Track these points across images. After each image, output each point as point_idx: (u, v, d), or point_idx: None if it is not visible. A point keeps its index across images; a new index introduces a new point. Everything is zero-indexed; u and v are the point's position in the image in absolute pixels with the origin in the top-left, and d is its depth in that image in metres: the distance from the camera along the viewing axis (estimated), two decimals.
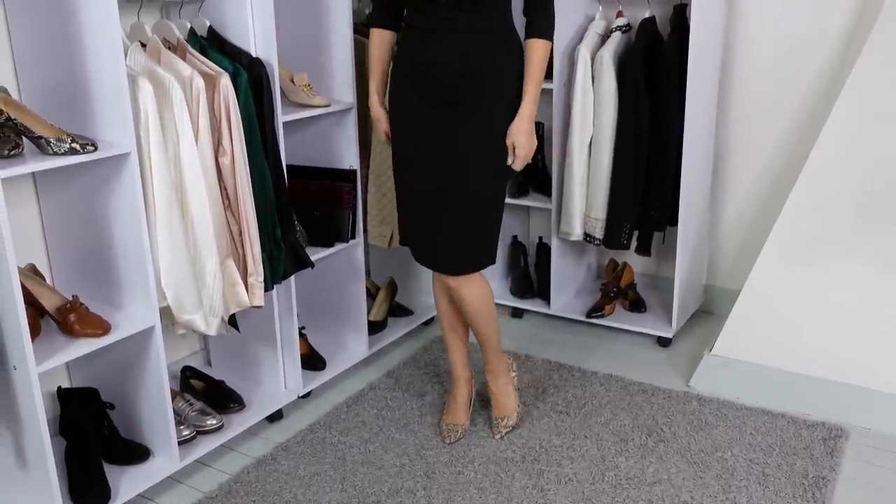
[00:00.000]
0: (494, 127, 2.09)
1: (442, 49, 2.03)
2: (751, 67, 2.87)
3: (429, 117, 2.09)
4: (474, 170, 2.09)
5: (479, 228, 2.15)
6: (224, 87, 2.05)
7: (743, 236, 3.05)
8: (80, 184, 2.00)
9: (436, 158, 2.11)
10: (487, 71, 2.05)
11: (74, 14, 1.86)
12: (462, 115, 2.07)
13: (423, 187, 2.15)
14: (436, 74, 2.05)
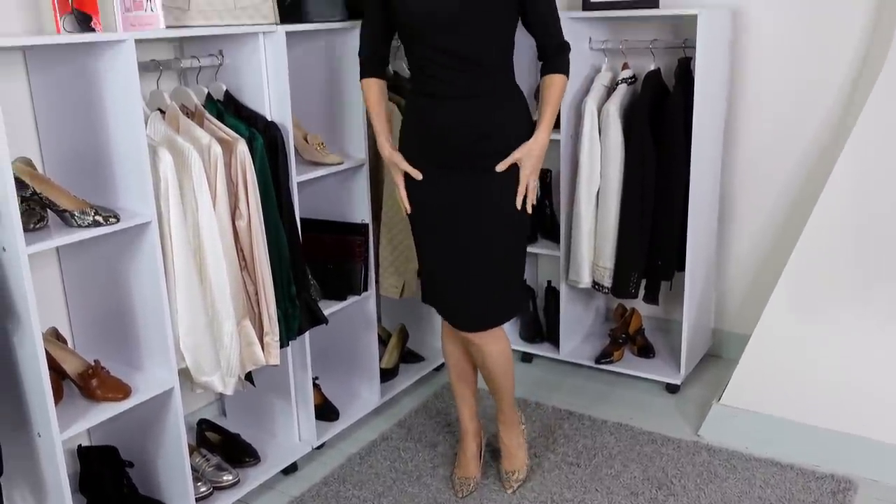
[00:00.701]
0: (509, 186, 2.12)
1: (451, 114, 2.07)
2: (755, 117, 2.91)
3: (443, 181, 2.13)
4: (494, 229, 2.14)
5: (502, 285, 2.20)
6: (241, 153, 2.11)
7: (750, 280, 3.08)
8: (102, 250, 2.05)
9: (454, 221, 2.14)
10: (497, 133, 2.09)
11: (97, 85, 1.92)
12: (477, 176, 2.10)
13: (443, 249, 2.19)
14: (447, 140, 2.09)
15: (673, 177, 2.73)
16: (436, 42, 2.02)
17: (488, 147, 2.09)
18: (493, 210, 2.13)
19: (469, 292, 2.17)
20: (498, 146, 2.10)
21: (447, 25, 2.00)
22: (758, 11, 2.81)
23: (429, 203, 2.17)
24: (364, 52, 2.20)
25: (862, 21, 2.66)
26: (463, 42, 2.02)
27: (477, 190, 2.11)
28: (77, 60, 1.92)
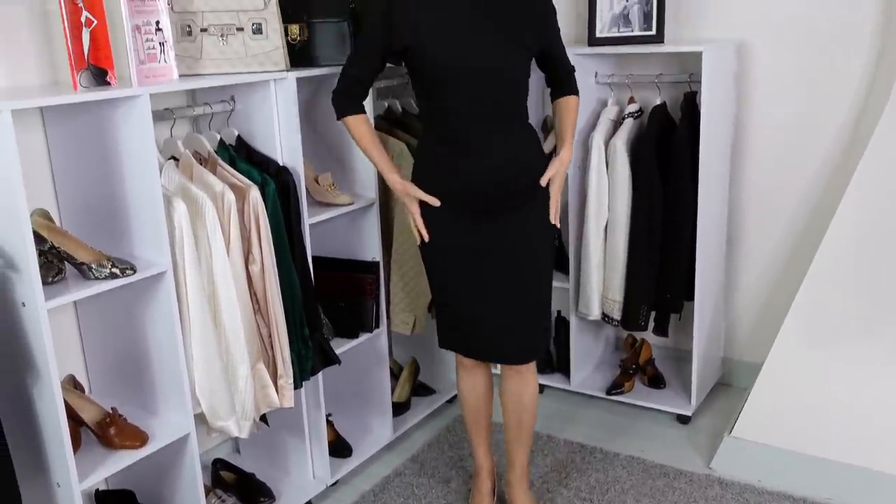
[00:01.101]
0: (541, 216, 2.18)
1: (481, 163, 2.06)
2: (761, 149, 2.93)
3: (474, 225, 2.12)
4: (532, 261, 2.18)
5: (543, 312, 2.26)
6: (253, 200, 2.14)
7: (759, 309, 3.09)
8: (118, 298, 2.08)
9: (489, 261, 2.14)
10: (524, 175, 2.13)
11: (112, 137, 1.95)
12: (509, 216, 2.12)
13: (479, 290, 2.17)
14: (478, 187, 2.08)
15: (680, 210, 2.75)
16: (469, 93, 2.02)
17: (519, 187, 2.12)
18: (530, 243, 2.16)
19: (515, 326, 2.20)
20: (532, 180, 2.14)
21: (486, 79, 2.01)
22: (762, 45, 2.83)
23: (460, 248, 2.15)
24: (350, 91, 2.14)
25: (866, 55, 2.68)
26: (496, 92, 2.04)
27: (512, 228, 2.13)
28: (93, 114, 1.95)
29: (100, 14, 1.90)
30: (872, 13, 2.65)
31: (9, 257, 1.73)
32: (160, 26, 2.03)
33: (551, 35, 2.16)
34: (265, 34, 2.21)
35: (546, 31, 2.13)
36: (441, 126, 2.10)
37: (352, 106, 2.14)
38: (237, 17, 2.19)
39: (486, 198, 2.09)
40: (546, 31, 2.13)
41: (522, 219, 2.14)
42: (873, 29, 2.66)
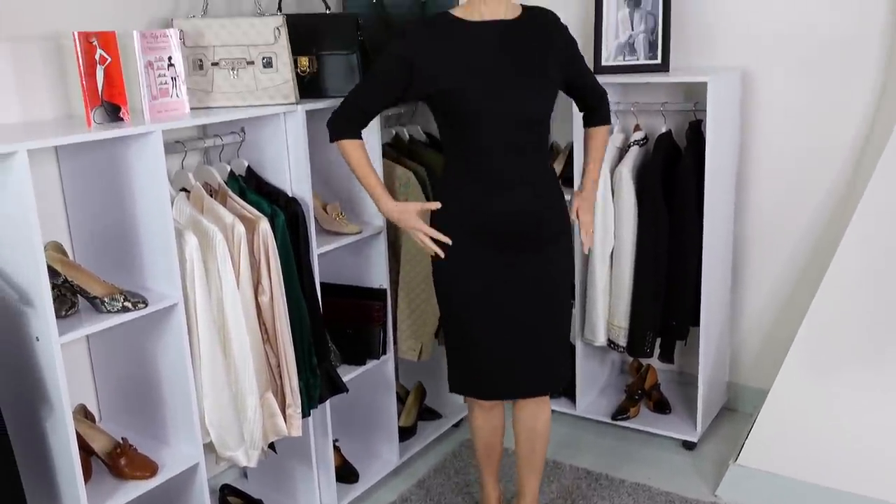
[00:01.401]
0: (566, 251, 2.24)
1: (511, 201, 2.07)
2: (766, 176, 2.95)
3: (501, 262, 2.11)
4: (557, 294, 2.22)
5: (566, 342, 2.30)
6: (263, 231, 2.17)
7: (764, 334, 3.10)
8: (129, 329, 2.10)
9: (518, 296, 2.13)
10: (553, 206, 2.17)
11: (125, 172, 1.98)
12: (540, 250, 2.14)
13: (506, 326, 2.15)
14: (508, 225, 2.08)
15: (686, 237, 2.76)
16: (498, 133, 2.03)
17: (544, 224, 2.14)
18: (555, 278, 2.20)
19: (542, 359, 2.22)
20: (557, 218, 2.17)
21: (515, 120, 2.03)
22: (767, 73, 2.86)
23: (486, 286, 2.13)
24: (351, 118, 2.12)
25: (871, 84, 2.71)
26: (524, 132, 2.06)
27: (538, 264, 2.14)
28: (106, 149, 1.98)
29: (114, 52, 1.93)
30: (877, 43, 2.67)
31: (23, 292, 1.75)
32: (172, 62, 2.07)
33: (576, 66, 2.18)
34: (275, 67, 2.24)
35: (570, 64, 2.15)
36: (468, 163, 2.09)
37: (349, 131, 2.13)
38: (248, 52, 2.22)
39: (515, 234, 2.10)
40: (570, 63, 2.15)
41: (548, 255, 2.16)
42: (878, 57, 2.68)
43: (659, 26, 2.82)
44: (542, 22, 2.10)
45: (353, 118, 2.13)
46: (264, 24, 2.20)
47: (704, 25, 2.91)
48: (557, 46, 2.11)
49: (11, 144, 1.62)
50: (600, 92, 2.28)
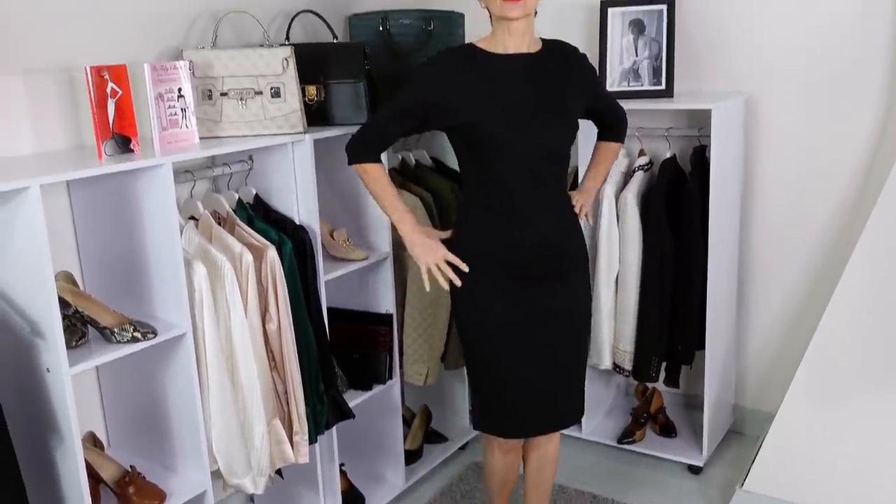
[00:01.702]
0: (587, 279, 2.27)
1: (536, 230, 2.07)
2: (771, 199, 2.96)
3: (529, 294, 2.10)
4: (581, 324, 2.25)
5: (584, 373, 2.31)
6: (271, 260, 2.19)
7: (770, 357, 3.11)
8: (138, 357, 2.11)
9: (544, 329, 2.12)
10: (573, 236, 2.19)
11: (135, 203, 2.01)
12: (563, 280, 2.15)
13: (534, 360, 2.14)
14: (534, 254, 2.08)
15: (691, 263, 2.78)
16: (522, 166, 2.03)
17: (568, 253, 2.16)
18: (578, 309, 2.21)
19: (566, 392, 2.23)
20: (574, 252, 2.19)
21: (540, 154, 2.04)
22: (770, 97, 2.87)
23: (514, 320, 2.11)
24: (370, 144, 2.11)
25: (874, 108, 2.72)
26: (548, 164, 2.08)
27: (562, 295, 2.15)
28: (116, 180, 2.01)
29: (125, 85, 1.96)
30: (880, 67, 2.69)
31: (35, 324, 1.77)
32: (182, 93, 2.10)
33: (596, 93, 2.21)
34: (283, 97, 2.27)
35: (591, 92, 2.18)
36: (489, 195, 2.07)
37: (368, 155, 2.12)
38: (256, 82, 2.25)
39: (539, 266, 2.09)
40: (591, 91, 2.18)
41: (570, 284, 2.17)
42: (881, 80, 2.70)
43: (663, 52, 2.85)
44: (563, 55, 2.13)
45: (373, 143, 2.12)
46: (273, 55, 2.23)
47: (707, 51, 2.93)
48: (578, 78, 2.13)
49: (24, 180, 1.65)
50: (619, 112, 2.32)
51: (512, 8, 1.94)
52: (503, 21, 1.99)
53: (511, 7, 1.94)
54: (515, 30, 2.01)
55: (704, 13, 2.91)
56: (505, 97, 2.01)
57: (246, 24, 2.39)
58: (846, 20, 2.71)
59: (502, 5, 1.95)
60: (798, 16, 2.78)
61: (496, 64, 2.03)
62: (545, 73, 2.06)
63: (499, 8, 1.96)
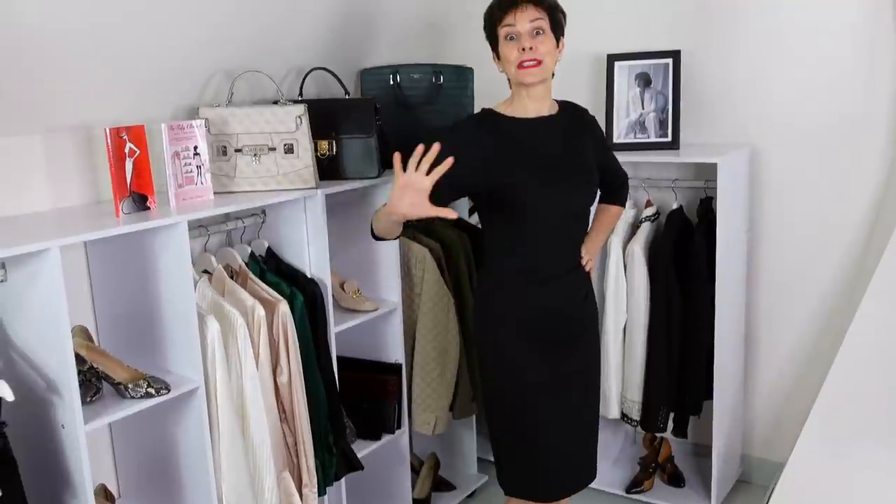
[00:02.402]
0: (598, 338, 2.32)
1: (561, 290, 2.11)
2: (778, 250, 2.99)
3: (557, 353, 2.12)
4: (596, 378, 2.29)
5: None
6: (282, 314, 2.22)
7: (779, 406, 3.11)
8: (150, 410, 2.14)
9: (571, 387, 2.15)
10: (592, 294, 2.24)
11: (151, 259, 2.04)
12: (583, 338, 2.19)
13: (564, 419, 2.15)
14: (561, 314, 2.12)
15: (698, 313, 2.79)
16: (550, 228, 2.07)
17: (589, 310, 2.22)
18: (596, 367, 2.28)
19: (588, 446, 2.26)
20: (592, 306, 2.24)
21: (568, 216, 2.09)
22: (775, 150, 2.91)
23: (545, 380, 2.11)
24: None
25: (878, 158, 2.76)
26: (574, 225, 2.14)
27: (583, 353, 2.19)
28: (132, 236, 2.04)
29: (142, 145, 2.01)
30: (885, 119, 2.73)
31: (51, 381, 1.80)
32: (198, 151, 2.15)
33: (604, 154, 2.25)
34: (296, 153, 2.31)
35: (599, 152, 2.21)
36: (518, 256, 2.09)
37: None
38: (270, 138, 2.30)
39: (565, 326, 2.13)
40: (599, 152, 2.21)
41: (589, 341, 2.22)
42: (885, 133, 2.73)
43: (669, 105, 2.89)
44: (577, 115, 2.17)
45: None
46: (287, 112, 2.28)
47: (713, 103, 2.98)
48: (591, 138, 2.18)
49: (45, 242, 1.69)
50: (622, 176, 2.36)
51: (527, 74, 1.98)
52: (522, 86, 2.03)
53: (527, 74, 1.98)
54: (534, 94, 2.04)
55: (709, 66, 2.96)
56: (533, 160, 2.03)
57: (261, 80, 2.45)
58: (851, 75, 2.76)
59: (518, 72, 1.98)
60: (803, 70, 2.83)
61: (520, 127, 2.05)
62: (568, 135, 2.10)
63: (515, 74, 2.00)
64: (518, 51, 1.97)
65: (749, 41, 2.90)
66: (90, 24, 1.90)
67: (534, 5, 1.98)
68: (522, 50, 1.96)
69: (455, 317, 2.75)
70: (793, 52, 2.84)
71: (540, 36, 1.97)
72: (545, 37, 1.98)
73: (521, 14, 1.96)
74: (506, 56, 2.00)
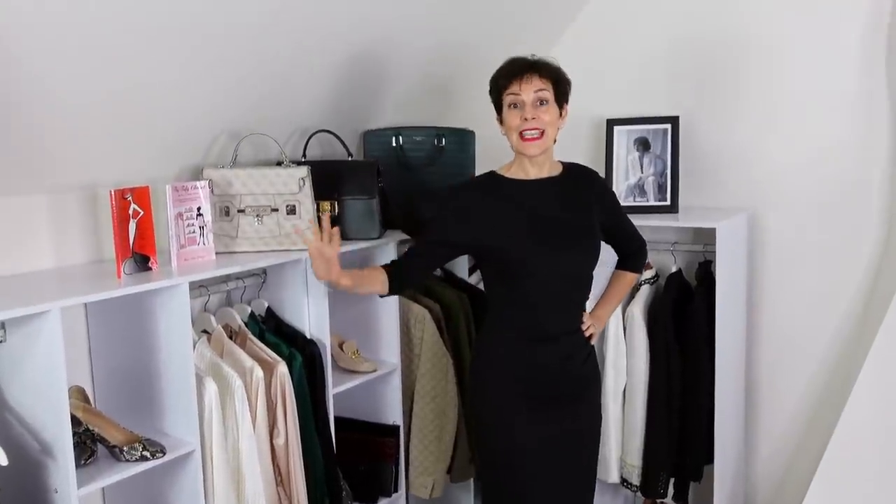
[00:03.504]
0: (598, 400, 2.32)
1: (559, 351, 2.13)
2: (777, 313, 2.99)
3: (550, 416, 2.12)
4: (594, 442, 2.28)
5: None
6: (281, 375, 2.21)
7: (780, 473, 3.07)
8: (145, 472, 2.12)
9: (564, 449, 2.15)
10: (593, 357, 2.25)
11: (150, 319, 2.04)
12: (580, 400, 2.20)
13: (557, 481, 2.15)
14: (558, 376, 2.13)
15: (698, 376, 2.78)
16: (549, 288, 2.09)
17: (587, 371, 2.22)
18: (593, 429, 2.27)
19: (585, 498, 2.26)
20: (592, 367, 2.25)
21: (566, 277, 2.11)
22: (774, 213, 2.93)
23: (536, 440, 2.11)
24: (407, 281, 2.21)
25: (877, 227, 2.78)
26: (573, 285, 2.15)
27: (580, 415, 2.20)
28: (133, 297, 2.04)
29: (146, 205, 2.03)
30: (883, 183, 2.76)
31: (45, 444, 1.79)
32: (201, 212, 2.17)
33: (615, 216, 2.26)
34: (298, 214, 2.33)
35: (610, 215, 2.23)
36: (517, 317, 2.12)
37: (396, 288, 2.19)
38: (273, 200, 2.31)
39: (563, 387, 2.14)
40: (610, 214, 2.23)
41: (587, 402, 2.22)
42: (884, 197, 2.77)
43: (668, 169, 2.92)
44: (584, 177, 2.20)
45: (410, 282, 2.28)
46: (290, 175, 2.30)
47: (712, 168, 3.01)
48: (599, 200, 2.20)
49: (46, 304, 1.69)
50: (639, 241, 2.34)
51: (529, 147, 2.04)
52: (521, 156, 2.09)
53: (528, 146, 2.04)
54: (535, 161, 2.11)
55: (708, 131, 3.00)
56: (532, 221, 2.08)
57: (265, 141, 2.48)
58: (848, 142, 2.80)
59: (520, 143, 2.04)
60: (801, 136, 2.86)
61: (521, 189, 2.10)
62: (568, 198, 2.13)
63: (518, 143, 2.05)
64: (521, 119, 2.02)
65: (747, 107, 2.94)
66: (98, 84, 1.93)
67: (539, 76, 2.04)
68: (525, 119, 2.01)
69: (454, 378, 2.74)
70: (791, 119, 2.88)
71: (543, 106, 2.03)
72: (548, 107, 2.04)
73: (526, 84, 2.02)
74: (509, 123, 2.05)
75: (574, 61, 2.27)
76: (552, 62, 2.10)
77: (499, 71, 2.11)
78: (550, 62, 2.09)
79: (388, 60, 2.67)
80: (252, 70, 2.27)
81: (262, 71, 2.30)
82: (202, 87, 2.19)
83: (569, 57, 2.25)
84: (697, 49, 3.00)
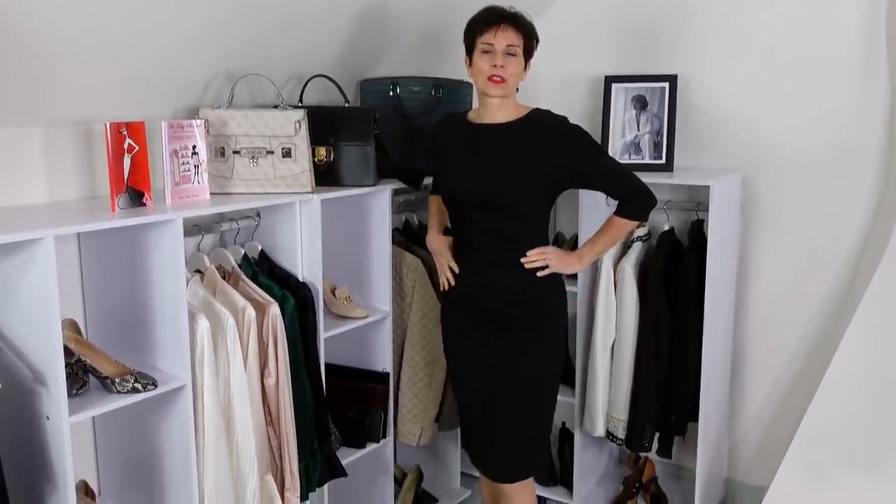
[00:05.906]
0: (536, 351, 2.30)
1: (485, 279, 2.30)
2: (766, 275, 3.01)
3: (475, 337, 2.33)
4: (519, 391, 2.30)
5: (527, 442, 2.36)
6: (273, 316, 2.22)
7: (763, 431, 3.12)
8: (135, 407, 2.13)
9: (485, 374, 2.32)
10: (523, 299, 2.29)
11: (144, 254, 2.05)
12: (505, 338, 2.29)
13: (475, 400, 2.38)
14: (480, 302, 2.32)
15: (686, 334, 2.81)
16: (474, 219, 2.26)
17: (516, 311, 2.28)
18: (520, 371, 2.29)
19: (497, 445, 2.33)
20: (524, 311, 2.29)
21: (485, 207, 2.22)
22: (767, 175, 2.94)
23: (462, 353, 2.39)
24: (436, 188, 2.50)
25: (869, 185, 2.79)
26: (498, 221, 2.23)
27: (504, 351, 2.28)
28: (126, 232, 2.05)
29: (141, 141, 2.02)
30: (876, 147, 2.76)
31: (38, 372, 1.80)
32: (196, 150, 2.16)
33: (589, 162, 2.25)
34: (294, 157, 2.33)
35: (582, 162, 2.23)
36: (459, 244, 2.37)
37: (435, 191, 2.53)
38: (268, 142, 2.31)
39: (487, 313, 2.31)
40: (581, 161, 2.23)
41: (520, 341, 2.28)
42: (876, 161, 2.77)
43: (664, 128, 2.93)
44: (542, 125, 2.23)
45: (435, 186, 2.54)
46: (286, 117, 2.30)
47: (708, 128, 3.02)
48: (559, 149, 2.21)
49: (39, 230, 1.69)
50: (633, 188, 2.31)
51: (493, 88, 2.19)
52: (483, 95, 2.24)
53: (493, 87, 2.19)
54: (490, 104, 2.24)
55: (705, 91, 3.00)
56: (457, 156, 2.29)
57: (262, 85, 2.47)
58: (843, 105, 2.80)
59: (486, 84, 2.19)
60: (798, 98, 2.86)
61: (471, 131, 2.29)
62: (503, 140, 2.23)
63: (482, 85, 2.21)
64: (490, 65, 2.16)
65: (744, 69, 2.94)
66: (94, 21, 1.91)
67: (514, 29, 2.17)
68: (494, 66, 2.16)
69: None
70: (786, 82, 2.88)
71: (511, 57, 2.17)
72: (516, 59, 2.18)
73: (501, 34, 2.16)
74: (478, 66, 2.20)
75: (573, 18, 2.27)
76: (527, 17, 2.21)
77: (476, 16, 2.22)
78: (526, 17, 2.21)
79: (387, 9, 2.66)
80: (251, 8, 2.24)
81: (262, 10, 2.28)
82: (199, 22, 2.16)
83: (568, 13, 2.25)
84: (699, 7, 2.99)
